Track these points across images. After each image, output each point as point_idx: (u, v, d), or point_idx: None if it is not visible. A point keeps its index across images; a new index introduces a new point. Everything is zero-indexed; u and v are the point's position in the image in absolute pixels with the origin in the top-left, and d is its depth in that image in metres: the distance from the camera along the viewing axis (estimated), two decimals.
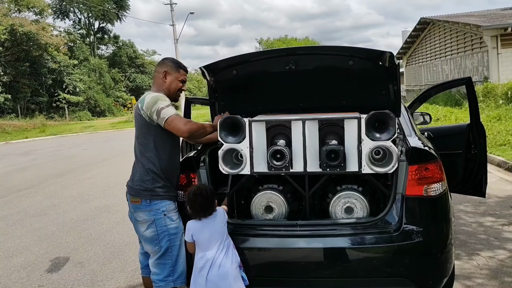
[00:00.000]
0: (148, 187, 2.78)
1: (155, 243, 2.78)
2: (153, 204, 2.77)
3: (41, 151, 16.41)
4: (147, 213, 2.78)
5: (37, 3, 36.28)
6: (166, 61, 2.99)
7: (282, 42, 50.31)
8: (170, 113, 2.71)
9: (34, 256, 4.85)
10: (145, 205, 2.77)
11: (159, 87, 2.92)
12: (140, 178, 2.81)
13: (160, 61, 3.03)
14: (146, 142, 2.80)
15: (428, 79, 25.85)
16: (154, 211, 2.76)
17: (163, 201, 2.79)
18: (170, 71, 2.93)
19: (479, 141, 3.91)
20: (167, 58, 3.04)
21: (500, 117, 11.70)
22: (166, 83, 2.91)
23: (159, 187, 2.79)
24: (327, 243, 2.73)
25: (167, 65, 2.94)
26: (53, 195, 8.02)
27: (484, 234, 4.56)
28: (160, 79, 2.92)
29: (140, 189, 2.79)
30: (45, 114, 35.14)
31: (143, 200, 2.77)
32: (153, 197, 2.77)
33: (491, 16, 20.25)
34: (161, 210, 2.77)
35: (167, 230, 2.78)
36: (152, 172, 2.79)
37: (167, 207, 2.80)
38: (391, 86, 2.96)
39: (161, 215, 2.77)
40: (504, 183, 6.82)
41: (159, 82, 2.93)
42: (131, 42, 52.07)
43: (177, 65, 2.97)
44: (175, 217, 2.84)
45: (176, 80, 2.94)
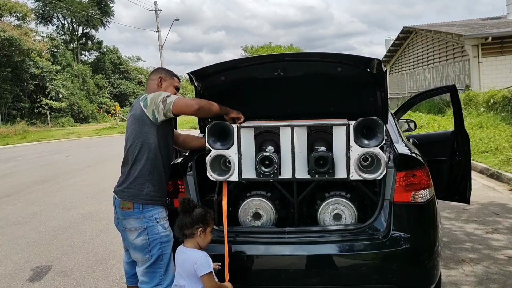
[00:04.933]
0: (143, 191, 2.69)
1: (146, 251, 2.69)
2: (146, 211, 2.68)
3: (22, 157, 16.12)
4: (138, 220, 2.68)
5: (20, 8, 35.83)
6: (160, 69, 3.05)
7: (266, 49, 50.52)
8: (175, 97, 2.72)
9: (14, 265, 4.73)
10: (137, 212, 2.68)
11: None
12: (135, 181, 2.71)
13: (154, 70, 3.06)
14: (146, 144, 2.71)
15: (411, 87, 26.21)
16: (146, 218, 2.68)
17: (156, 208, 2.71)
18: (165, 77, 2.95)
19: (464, 148, 3.95)
20: (160, 67, 3.14)
21: (481, 125, 11.90)
22: (162, 88, 2.90)
23: (154, 192, 2.71)
24: (316, 250, 2.72)
25: (161, 73, 2.98)
26: (34, 203, 7.85)
27: (469, 240, 4.60)
28: (156, 85, 2.92)
29: (134, 193, 2.69)
30: (27, 120, 34.55)
31: (136, 206, 2.68)
32: (147, 202, 2.68)
33: (472, 25, 20.67)
34: (154, 217, 2.69)
35: (159, 238, 2.69)
36: (149, 175, 2.71)
37: (159, 214, 2.72)
38: (379, 92, 2.98)
39: (153, 222, 2.68)
40: (486, 189, 6.92)
41: (154, 88, 2.91)
42: (115, 48, 51.70)
43: (171, 73, 3.02)
44: (166, 224, 2.76)
45: (171, 86, 2.95)
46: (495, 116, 12.59)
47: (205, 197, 3.16)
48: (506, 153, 8.47)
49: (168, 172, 2.86)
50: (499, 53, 17.79)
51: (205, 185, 3.12)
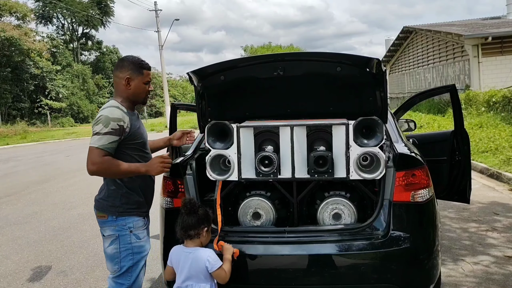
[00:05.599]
0: (116, 203, 2.59)
1: (115, 261, 2.59)
2: (120, 220, 2.58)
3: (22, 158, 16.12)
4: (112, 228, 2.59)
5: (20, 8, 35.85)
6: (125, 63, 2.65)
7: (266, 49, 50.56)
8: (94, 142, 2.46)
9: (15, 265, 4.74)
10: (111, 220, 2.59)
11: (123, 95, 2.64)
12: (108, 193, 2.62)
13: (118, 65, 2.69)
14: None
15: (411, 87, 26.21)
16: (119, 227, 2.58)
17: (130, 217, 2.60)
18: (133, 76, 2.63)
19: (463, 147, 3.95)
20: (124, 59, 2.70)
21: (481, 125, 11.90)
22: (131, 90, 2.63)
23: (126, 204, 2.60)
24: (315, 250, 2.72)
25: (128, 69, 2.62)
26: (34, 203, 7.86)
27: (468, 240, 4.61)
28: (123, 86, 2.62)
29: (107, 204, 2.61)
30: (27, 120, 34.59)
31: (110, 216, 2.59)
32: (120, 214, 2.58)
33: (472, 25, 20.68)
34: (128, 226, 2.58)
35: (131, 248, 2.59)
36: (119, 188, 2.60)
37: (134, 224, 2.61)
38: (378, 92, 2.98)
39: (126, 232, 2.58)
40: (486, 189, 6.92)
41: (123, 89, 2.64)
42: (115, 48, 51.77)
43: (139, 66, 2.65)
44: (142, 235, 2.64)
45: (141, 84, 2.66)
46: (495, 116, 12.59)
47: (204, 197, 3.16)
48: (506, 153, 8.47)
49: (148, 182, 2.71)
50: (499, 53, 17.80)
51: (204, 184, 3.12)
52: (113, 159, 2.48)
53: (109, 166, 2.47)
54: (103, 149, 2.45)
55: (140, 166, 2.58)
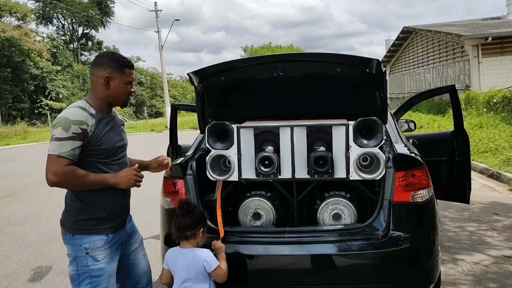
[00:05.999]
0: (71, 219, 2.32)
1: (75, 283, 2.32)
2: (76, 238, 2.30)
3: (22, 158, 16.14)
4: (69, 247, 2.33)
5: (20, 8, 35.88)
6: (105, 60, 2.32)
7: (266, 49, 50.57)
8: (54, 149, 2.17)
9: (15, 265, 4.75)
10: (68, 237, 2.32)
11: (100, 95, 2.33)
12: (65, 207, 2.38)
13: (96, 61, 2.35)
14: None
15: (411, 87, 26.22)
16: (76, 247, 2.29)
17: (87, 236, 2.29)
18: (113, 75, 2.31)
19: (463, 148, 3.96)
20: (103, 55, 2.38)
21: (481, 125, 11.90)
22: (111, 90, 2.32)
23: (83, 220, 2.30)
24: (315, 250, 2.73)
25: (108, 67, 2.30)
26: (35, 203, 7.87)
27: (468, 240, 4.61)
28: (102, 85, 2.31)
29: (64, 220, 2.37)
30: (27, 120, 34.60)
31: (67, 232, 2.33)
32: (75, 232, 2.30)
33: (472, 26, 20.68)
34: (84, 246, 2.28)
35: (88, 272, 2.29)
36: (73, 201, 2.33)
37: (91, 244, 2.28)
38: (378, 93, 2.99)
39: (82, 253, 2.28)
40: (486, 189, 6.92)
41: (100, 89, 2.32)
42: (115, 48, 51.79)
43: (120, 64, 2.33)
44: (101, 256, 2.31)
45: (123, 84, 2.34)
46: (495, 116, 12.59)
47: (204, 197, 3.17)
48: (506, 153, 8.48)
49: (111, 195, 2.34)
50: (499, 53, 17.80)
51: (205, 185, 3.13)
52: (77, 169, 2.19)
53: (73, 177, 2.18)
54: (65, 157, 2.16)
55: (108, 177, 2.28)
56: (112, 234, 2.36)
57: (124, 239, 2.48)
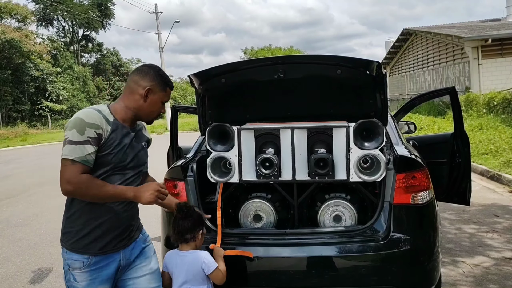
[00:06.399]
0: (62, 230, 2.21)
1: None
2: (64, 251, 2.18)
3: (23, 160, 16.13)
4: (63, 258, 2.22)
5: (20, 10, 35.90)
6: (151, 72, 2.19)
7: (266, 51, 50.56)
8: (68, 153, 1.98)
9: (15, 267, 4.75)
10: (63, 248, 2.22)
11: (132, 104, 2.17)
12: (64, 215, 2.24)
13: (142, 70, 2.21)
14: None
15: (411, 89, 26.23)
16: (64, 259, 2.19)
17: (70, 253, 2.14)
18: (155, 89, 2.18)
19: (463, 149, 3.96)
20: (151, 67, 2.24)
21: (482, 127, 11.91)
22: (146, 103, 2.17)
23: (66, 233, 2.16)
24: (316, 252, 2.73)
25: (152, 80, 2.17)
26: (35, 205, 7.87)
27: (468, 242, 4.61)
28: (138, 95, 2.16)
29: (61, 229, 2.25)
30: (27, 122, 34.60)
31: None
32: (63, 244, 2.19)
33: (472, 27, 20.70)
34: (66, 262, 2.15)
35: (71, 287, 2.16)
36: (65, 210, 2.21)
37: (71, 263, 2.13)
38: (378, 95, 2.99)
39: (66, 267, 2.16)
40: (486, 191, 6.93)
41: (136, 98, 2.17)
42: (115, 50, 51.84)
43: (164, 81, 2.21)
44: (80, 277, 2.12)
45: (159, 102, 2.21)
46: (495, 118, 12.60)
47: (205, 199, 3.17)
48: (506, 155, 8.47)
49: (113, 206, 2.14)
50: (499, 55, 17.81)
51: (205, 187, 3.13)
52: (94, 178, 2.03)
53: (89, 186, 2.00)
54: (80, 162, 1.98)
55: (128, 190, 2.09)
56: (96, 257, 2.12)
57: (121, 264, 2.22)
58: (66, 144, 2.00)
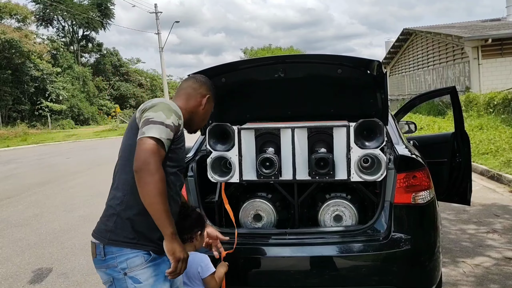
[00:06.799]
0: (109, 226, 1.94)
1: None
2: (109, 257, 1.92)
3: (23, 160, 16.11)
4: (103, 270, 1.96)
5: (20, 10, 35.88)
6: (208, 82, 2.26)
7: (266, 51, 50.53)
8: (154, 132, 1.82)
9: (16, 267, 4.74)
10: (99, 258, 1.95)
11: (189, 108, 2.15)
12: (106, 211, 2.00)
13: (200, 79, 2.25)
14: (131, 159, 1.88)
15: (411, 89, 26.23)
16: (111, 268, 1.93)
17: (122, 252, 1.91)
18: (210, 100, 2.24)
19: (464, 149, 3.96)
20: (205, 77, 2.29)
21: (482, 126, 11.90)
22: (203, 110, 2.20)
23: (125, 230, 1.93)
24: (316, 252, 2.72)
25: (210, 90, 2.24)
26: (35, 205, 7.86)
27: (469, 242, 4.61)
28: (197, 101, 2.17)
29: (101, 228, 1.98)
30: (27, 122, 34.56)
31: (97, 249, 1.94)
32: (110, 242, 1.92)
33: (472, 27, 20.69)
34: (120, 267, 1.90)
35: None
36: (121, 203, 1.96)
37: (129, 263, 1.91)
38: (379, 94, 2.99)
39: (120, 275, 1.92)
40: (487, 191, 6.92)
41: (194, 104, 2.17)
42: (115, 50, 51.82)
43: (215, 94, 2.30)
44: (144, 275, 1.93)
45: (210, 111, 2.28)
46: (495, 117, 12.59)
47: (205, 199, 3.16)
48: (506, 155, 8.47)
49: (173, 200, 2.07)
50: (499, 54, 17.81)
51: (205, 186, 3.13)
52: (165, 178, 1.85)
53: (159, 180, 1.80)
54: (164, 145, 1.85)
55: (171, 225, 1.91)
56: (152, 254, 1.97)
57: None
58: (149, 124, 1.84)
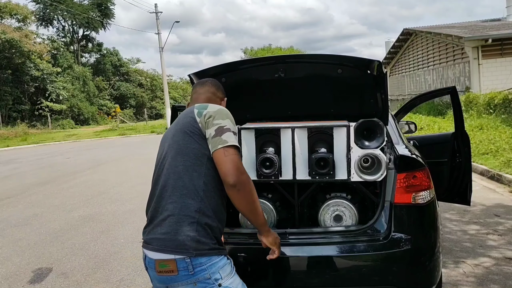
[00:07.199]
0: (193, 236, 1.80)
1: None
2: (199, 270, 1.78)
3: (23, 159, 16.12)
4: (190, 286, 1.79)
5: (20, 10, 35.91)
6: (221, 86, 2.36)
7: (266, 51, 50.54)
8: (233, 141, 1.86)
9: (15, 267, 4.74)
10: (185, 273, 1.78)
11: None
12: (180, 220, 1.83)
13: (215, 82, 2.33)
14: (197, 164, 1.86)
15: (412, 89, 26.23)
16: (202, 282, 1.78)
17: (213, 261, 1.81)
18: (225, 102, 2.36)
19: (464, 149, 3.96)
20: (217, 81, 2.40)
21: (482, 127, 11.90)
22: None
23: (207, 237, 1.84)
24: (316, 252, 2.72)
25: (224, 93, 2.35)
26: (35, 205, 7.86)
27: (469, 242, 4.61)
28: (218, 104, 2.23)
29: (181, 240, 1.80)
30: (27, 122, 34.61)
31: (181, 261, 1.77)
32: (198, 253, 1.79)
33: (472, 27, 20.70)
34: (213, 278, 1.78)
35: None
36: (200, 211, 1.87)
37: (221, 272, 1.82)
38: (379, 94, 2.98)
39: (214, 286, 1.79)
40: (487, 191, 6.92)
41: None
42: (115, 50, 51.87)
43: None
44: (234, 283, 1.87)
45: None
46: (496, 118, 12.59)
47: None
48: (506, 155, 8.46)
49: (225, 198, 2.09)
50: (499, 55, 17.82)
51: None
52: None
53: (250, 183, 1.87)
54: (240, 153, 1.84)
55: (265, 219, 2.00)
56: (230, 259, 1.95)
57: None
58: (227, 132, 1.88)
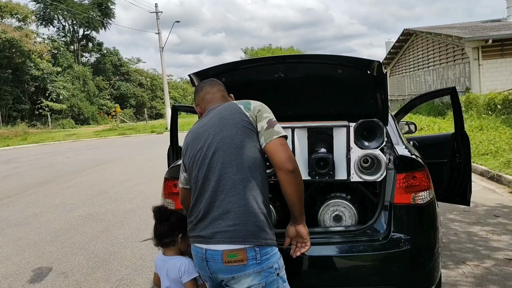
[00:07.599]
0: (260, 226, 1.90)
1: None
2: (264, 258, 1.85)
3: (23, 159, 16.13)
4: (255, 276, 1.83)
5: (21, 10, 35.92)
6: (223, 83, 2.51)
7: (266, 51, 50.55)
8: (284, 132, 2.05)
9: (15, 266, 4.74)
10: (252, 262, 1.83)
11: None
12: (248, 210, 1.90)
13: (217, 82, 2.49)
14: (252, 157, 1.96)
15: (412, 89, 26.24)
16: (266, 271, 1.84)
17: (274, 251, 1.91)
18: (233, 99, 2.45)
19: (464, 150, 3.96)
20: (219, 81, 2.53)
21: (482, 127, 11.90)
22: None
23: (269, 227, 1.95)
24: (316, 252, 2.71)
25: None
26: (35, 204, 7.86)
27: (468, 242, 4.61)
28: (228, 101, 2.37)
29: (249, 230, 1.87)
30: (27, 121, 34.63)
31: (250, 250, 1.84)
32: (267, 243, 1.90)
33: (473, 28, 20.70)
34: (274, 267, 1.87)
35: None
36: (262, 202, 1.98)
37: (279, 262, 1.93)
38: (379, 94, 2.99)
39: (273, 275, 1.87)
40: (487, 192, 6.92)
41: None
42: (115, 49, 51.88)
43: None
44: (285, 275, 2.00)
45: None
46: (496, 118, 12.59)
47: None
48: (506, 156, 8.47)
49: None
50: (500, 55, 17.83)
51: None
52: None
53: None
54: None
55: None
56: None
57: None
58: (276, 124, 2.06)
